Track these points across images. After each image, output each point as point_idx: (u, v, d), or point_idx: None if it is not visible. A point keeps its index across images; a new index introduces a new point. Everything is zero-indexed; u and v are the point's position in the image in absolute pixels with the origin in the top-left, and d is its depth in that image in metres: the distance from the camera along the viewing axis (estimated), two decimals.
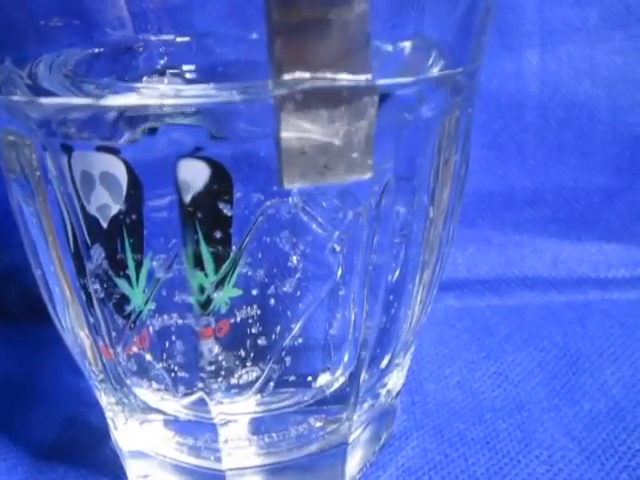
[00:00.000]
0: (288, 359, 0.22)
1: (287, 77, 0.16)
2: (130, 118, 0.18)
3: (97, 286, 0.21)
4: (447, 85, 0.20)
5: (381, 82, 0.19)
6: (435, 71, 0.20)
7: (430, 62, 0.21)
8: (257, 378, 0.22)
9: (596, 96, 0.36)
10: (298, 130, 0.17)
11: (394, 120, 0.19)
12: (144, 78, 0.23)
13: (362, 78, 0.17)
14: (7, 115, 0.19)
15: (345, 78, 0.16)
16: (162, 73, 0.23)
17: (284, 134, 0.17)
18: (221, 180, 0.19)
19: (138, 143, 0.18)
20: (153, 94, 0.19)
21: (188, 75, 0.23)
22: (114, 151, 0.19)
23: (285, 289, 0.21)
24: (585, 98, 0.36)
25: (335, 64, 0.16)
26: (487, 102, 0.35)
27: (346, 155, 0.17)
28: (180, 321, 0.21)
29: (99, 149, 0.19)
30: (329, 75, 0.16)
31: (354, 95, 0.17)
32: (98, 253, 0.21)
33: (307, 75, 0.16)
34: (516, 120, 0.36)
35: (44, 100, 0.18)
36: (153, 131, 0.18)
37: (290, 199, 0.20)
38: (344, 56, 0.16)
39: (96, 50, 0.23)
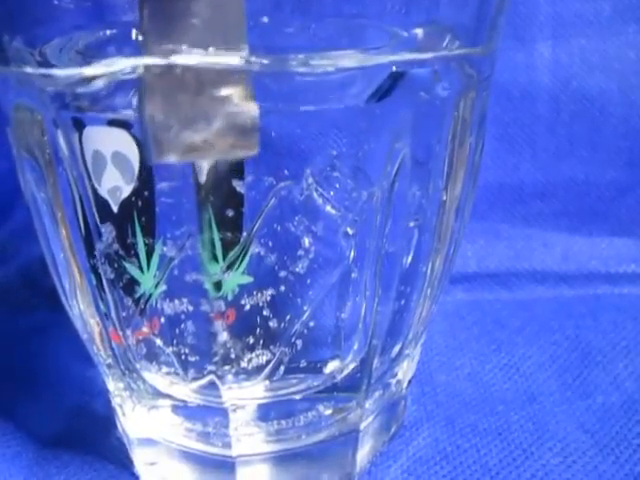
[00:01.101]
0: (299, 343, 0.22)
1: (155, 51, 0.16)
2: None
3: (107, 267, 0.21)
4: (462, 65, 0.20)
5: (397, 58, 0.19)
6: (451, 50, 0.20)
7: (445, 44, 0.21)
8: (268, 362, 0.22)
9: (608, 89, 0.35)
10: (167, 105, 0.16)
11: (410, 99, 0.19)
12: None
13: (235, 59, 0.16)
14: (18, 87, 0.19)
15: (216, 57, 0.16)
16: None
17: (149, 108, 0.16)
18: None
19: None
20: None
21: None
22: (126, 125, 0.18)
23: (297, 272, 0.21)
24: (597, 91, 0.35)
25: (206, 41, 0.16)
26: (498, 94, 0.35)
27: (227, 133, 0.17)
28: (191, 305, 0.21)
29: (111, 123, 0.19)
30: (199, 52, 0.16)
31: (223, 75, 0.16)
32: (108, 232, 0.20)
33: (176, 51, 0.16)
34: (527, 113, 0.36)
35: (56, 71, 0.18)
36: None
37: (303, 181, 0.20)
38: (216, 33, 0.16)
39: (107, 32, 0.22)
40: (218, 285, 0.20)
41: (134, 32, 0.23)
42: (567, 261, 0.37)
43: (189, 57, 0.16)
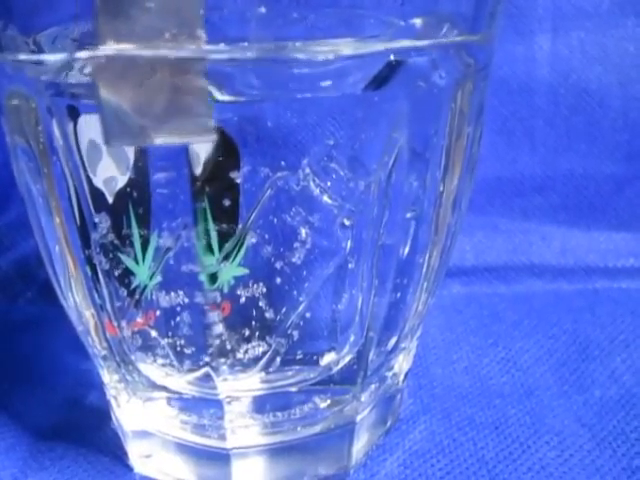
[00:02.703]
0: (295, 334, 0.21)
1: (106, 41, 0.16)
2: None
3: (102, 257, 0.21)
4: (460, 53, 0.20)
5: (394, 46, 0.19)
6: (448, 37, 0.20)
7: (443, 33, 0.20)
8: (263, 354, 0.21)
9: (607, 83, 0.35)
10: (116, 92, 0.16)
11: (407, 88, 0.19)
12: None
13: (190, 49, 0.16)
14: (12, 74, 0.19)
15: (168, 47, 0.16)
16: None
17: (103, 94, 0.16)
18: (227, 149, 0.19)
19: None
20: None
21: None
22: None
23: (293, 263, 0.21)
24: (596, 84, 0.35)
25: (160, 25, 0.16)
26: (497, 87, 0.35)
27: (171, 118, 0.16)
28: (186, 297, 0.21)
29: None
30: (150, 42, 0.16)
31: (176, 66, 0.16)
32: (103, 222, 0.20)
33: (126, 42, 0.16)
34: (526, 106, 0.35)
35: (48, 57, 0.18)
36: None
37: (300, 171, 0.20)
38: (171, 18, 0.16)
39: None
40: (214, 277, 0.20)
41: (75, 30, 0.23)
42: (565, 255, 0.37)
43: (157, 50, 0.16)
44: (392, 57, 0.19)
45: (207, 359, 0.21)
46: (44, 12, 0.20)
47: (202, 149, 0.19)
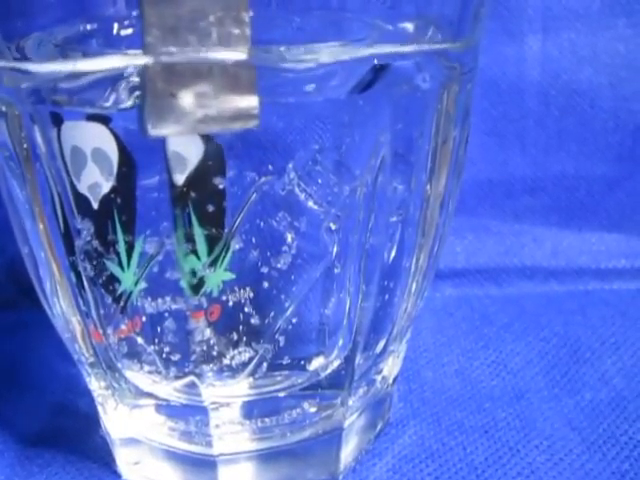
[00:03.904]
0: (282, 339, 0.21)
1: (153, 45, 0.16)
2: (121, 83, 0.17)
3: (86, 264, 0.21)
4: (445, 56, 0.20)
5: (378, 51, 0.19)
6: (433, 43, 0.20)
7: (428, 37, 0.20)
8: (250, 359, 0.21)
9: (598, 83, 0.35)
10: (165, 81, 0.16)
11: (392, 91, 0.19)
12: None
13: (237, 53, 0.16)
14: None
15: (216, 51, 0.16)
16: None
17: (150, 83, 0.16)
18: (215, 155, 0.19)
19: (129, 111, 0.18)
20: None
21: None
22: (105, 120, 0.18)
23: (279, 269, 0.21)
24: (587, 85, 0.35)
25: (205, 35, 0.16)
26: (487, 88, 0.35)
27: (225, 108, 0.17)
28: (172, 303, 0.21)
29: (89, 118, 0.18)
30: (198, 47, 0.16)
31: (223, 69, 0.16)
32: (87, 228, 0.20)
33: (174, 45, 0.16)
34: (517, 107, 0.35)
35: (31, 66, 0.18)
36: None
37: (285, 175, 0.20)
38: (217, 28, 0.16)
39: (88, 27, 0.22)
40: (199, 283, 0.20)
41: (115, 26, 0.23)
42: (557, 256, 0.37)
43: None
44: (376, 61, 0.18)
45: (191, 367, 0.21)
46: (26, 17, 0.20)
47: (193, 155, 0.19)
